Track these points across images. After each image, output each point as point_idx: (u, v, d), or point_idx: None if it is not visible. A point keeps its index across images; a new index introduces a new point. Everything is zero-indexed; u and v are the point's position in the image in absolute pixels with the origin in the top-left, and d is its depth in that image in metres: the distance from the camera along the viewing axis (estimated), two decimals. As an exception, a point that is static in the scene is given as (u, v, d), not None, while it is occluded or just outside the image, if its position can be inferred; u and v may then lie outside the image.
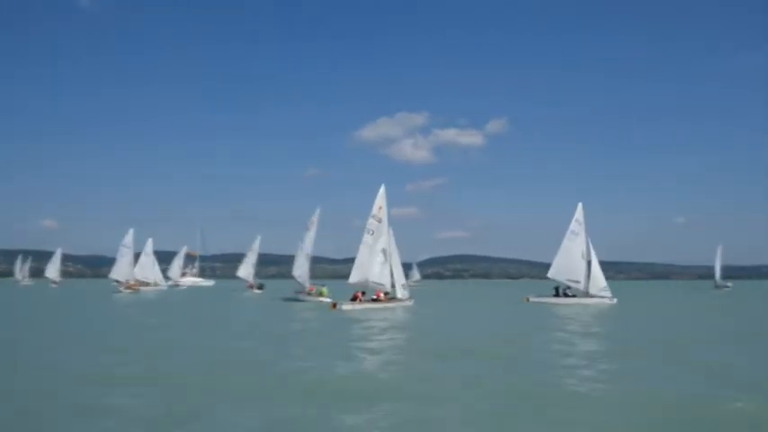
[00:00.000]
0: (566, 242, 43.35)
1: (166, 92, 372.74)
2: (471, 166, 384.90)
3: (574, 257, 42.86)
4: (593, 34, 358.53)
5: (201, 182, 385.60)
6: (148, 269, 69.54)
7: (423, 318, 29.67)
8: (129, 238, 64.48)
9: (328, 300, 42.63)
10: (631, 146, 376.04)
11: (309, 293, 44.68)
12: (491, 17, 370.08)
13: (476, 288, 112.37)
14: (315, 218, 46.04)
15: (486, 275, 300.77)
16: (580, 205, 44.05)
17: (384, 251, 35.91)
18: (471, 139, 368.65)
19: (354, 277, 35.69)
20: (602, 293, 42.15)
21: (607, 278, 42.91)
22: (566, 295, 43.10)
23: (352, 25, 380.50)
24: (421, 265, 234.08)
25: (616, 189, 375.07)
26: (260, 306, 40.72)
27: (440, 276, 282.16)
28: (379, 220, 36.07)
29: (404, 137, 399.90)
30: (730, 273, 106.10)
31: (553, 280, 43.77)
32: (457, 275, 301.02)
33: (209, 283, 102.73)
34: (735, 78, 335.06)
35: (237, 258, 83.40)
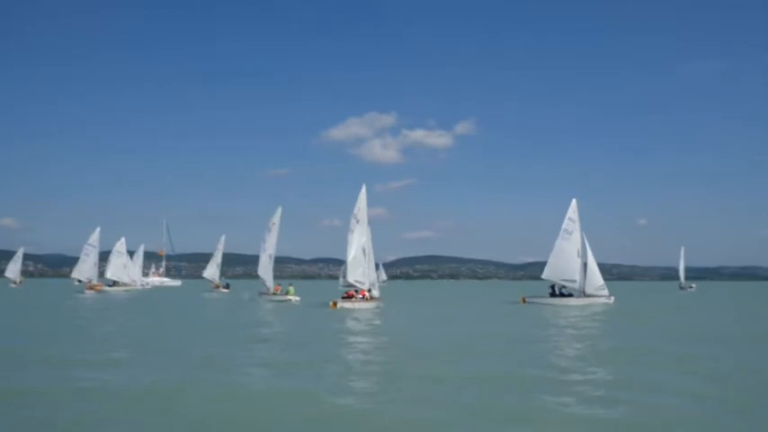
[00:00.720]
0: (559, 241, 42.19)
1: (129, 90, 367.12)
2: (440, 167, 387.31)
3: (569, 256, 41.78)
4: (562, 34, 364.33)
5: (167, 180, 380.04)
6: (123, 269, 68.71)
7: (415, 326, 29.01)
8: (95, 236, 63.18)
9: (296, 298, 42.75)
10: (597, 148, 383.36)
11: (275, 293, 44.51)
12: (459, 18, 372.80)
13: (446, 289, 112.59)
14: (276, 218, 45.82)
15: (454, 276, 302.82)
16: (574, 202, 42.94)
17: (364, 251, 36.18)
18: (440, 140, 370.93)
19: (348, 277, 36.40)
20: (600, 292, 41.29)
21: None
22: (562, 295, 42.00)
23: (322, 25, 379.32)
24: (389, 265, 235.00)
25: (582, 191, 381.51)
26: (223, 307, 40.10)
27: (408, 277, 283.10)
28: (359, 221, 36.38)
29: (373, 137, 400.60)
30: (691, 274, 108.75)
31: (548, 280, 42.62)
32: (425, 276, 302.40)
33: (177, 283, 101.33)
34: (692, 84, 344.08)
35: (205, 258, 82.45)
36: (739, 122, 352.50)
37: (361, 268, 36.11)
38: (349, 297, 35.91)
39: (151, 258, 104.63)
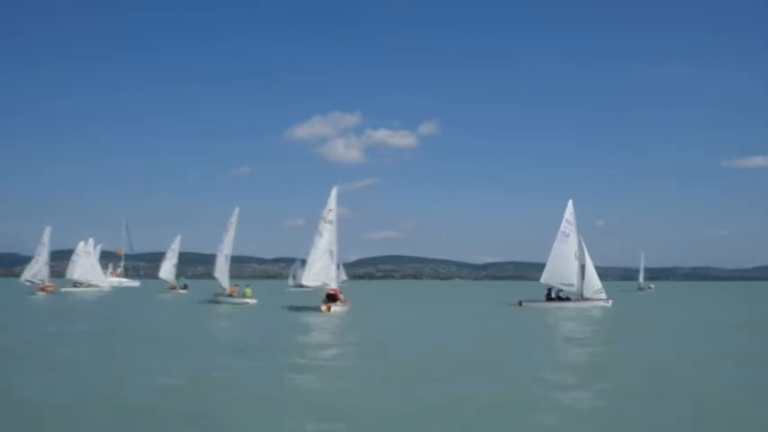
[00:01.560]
0: (557, 244, 41.14)
1: (89, 85, 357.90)
2: (403, 168, 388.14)
3: (566, 259, 40.81)
4: (524, 35, 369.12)
5: (126, 178, 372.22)
6: (92, 269, 66.86)
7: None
8: (46, 235, 61.09)
9: (253, 300, 41.63)
10: (556, 150, 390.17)
11: (231, 294, 43.39)
12: (424, 20, 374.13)
13: (416, 289, 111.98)
14: (233, 218, 44.79)
15: (416, 276, 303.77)
16: (570, 203, 41.84)
17: (331, 252, 35.63)
18: (404, 140, 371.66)
19: (311, 281, 35.27)
20: (598, 296, 40.50)
21: (531, 278, 43.00)
22: (559, 298, 40.89)
23: (287, 24, 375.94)
24: (352, 265, 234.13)
25: (542, 192, 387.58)
26: (175, 309, 38.99)
27: (371, 276, 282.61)
28: (329, 222, 35.89)
29: (336, 136, 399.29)
30: (647, 274, 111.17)
31: (546, 284, 41.22)
32: (388, 276, 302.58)
33: (135, 283, 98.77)
34: (650, 86, 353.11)
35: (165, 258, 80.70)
36: (696, 126, 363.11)
37: (330, 270, 35.56)
38: (334, 298, 34.52)
39: (108, 258, 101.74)
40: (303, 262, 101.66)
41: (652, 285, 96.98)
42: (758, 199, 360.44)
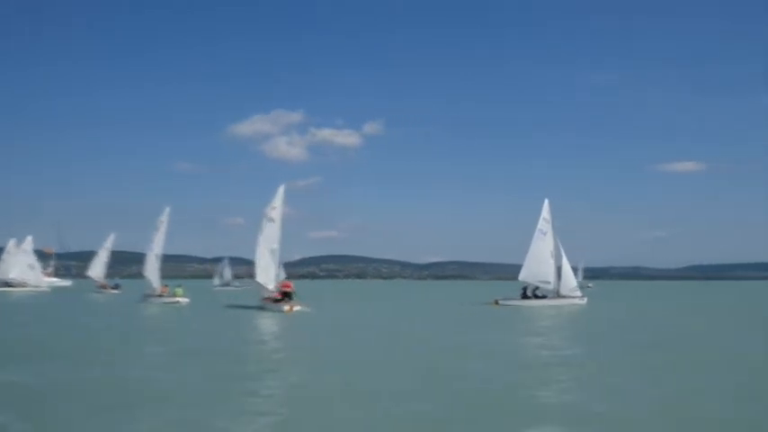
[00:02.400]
0: (534, 242, 41.22)
1: (19, 77, 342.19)
2: (347, 167, 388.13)
3: (543, 258, 40.96)
4: (471, 36, 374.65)
5: (59, 176, 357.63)
6: (30, 269, 64.20)
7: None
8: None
9: (185, 300, 40.50)
10: (501, 150, 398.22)
11: (161, 294, 42.24)
12: (368, 17, 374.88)
13: (359, 288, 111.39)
14: (164, 217, 43.63)
15: (360, 275, 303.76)
16: (546, 202, 42.21)
17: (272, 251, 35.21)
18: (348, 139, 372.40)
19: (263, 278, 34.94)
20: (573, 293, 40.92)
21: (473, 278, 43.29)
22: (535, 296, 40.81)
23: (228, 23, 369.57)
24: (294, 265, 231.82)
25: (486, 192, 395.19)
26: (103, 310, 37.66)
27: (314, 276, 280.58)
28: (271, 220, 35.46)
29: (279, 134, 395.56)
30: (585, 274, 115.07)
31: (524, 282, 41.08)
32: (331, 275, 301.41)
33: (67, 283, 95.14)
34: (599, 94, 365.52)
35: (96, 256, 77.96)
36: (630, 130, 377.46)
37: (271, 269, 35.23)
38: (288, 296, 33.81)
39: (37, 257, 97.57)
40: (230, 261, 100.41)
41: (591, 284, 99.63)
42: (687, 202, 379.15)
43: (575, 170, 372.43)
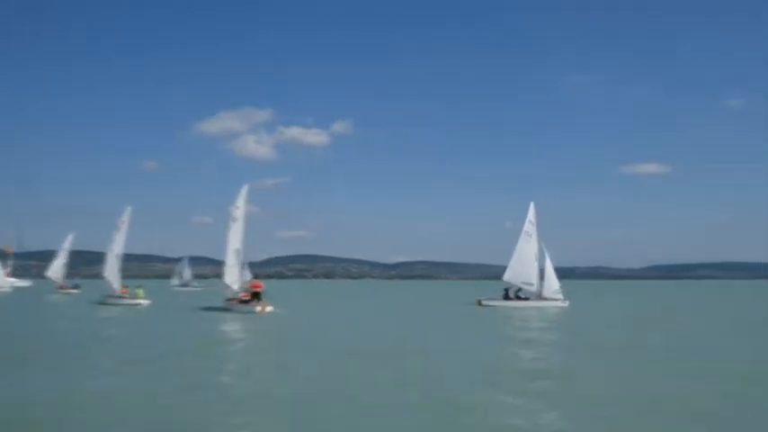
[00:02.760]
0: (520, 244, 41.33)
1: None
2: (316, 166, 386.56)
3: (528, 259, 41.04)
4: (443, 36, 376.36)
5: (22, 173, 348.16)
6: None
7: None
8: None
9: (146, 302, 39.66)
10: (473, 151, 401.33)
11: (122, 296, 41.12)
12: (338, 17, 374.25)
13: (329, 288, 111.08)
14: (125, 217, 42.84)
15: (328, 275, 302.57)
16: (532, 205, 42.27)
17: (237, 251, 34.74)
18: (316, 138, 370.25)
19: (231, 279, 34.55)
20: (556, 296, 40.66)
21: (440, 278, 43.06)
22: (518, 297, 40.89)
23: (196, 19, 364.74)
24: (262, 264, 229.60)
25: (453, 192, 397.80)
26: (58, 312, 36.46)
27: (281, 276, 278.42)
28: (235, 220, 34.97)
29: (247, 132, 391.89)
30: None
31: (508, 283, 41.20)
32: (299, 275, 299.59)
33: (26, 283, 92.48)
34: (569, 95, 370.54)
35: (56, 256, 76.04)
36: (595, 133, 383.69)
37: (236, 270, 34.78)
38: (257, 297, 33.25)
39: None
40: (189, 260, 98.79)
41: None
42: (649, 203, 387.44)
43: (542, 170, 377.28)
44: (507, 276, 41.04)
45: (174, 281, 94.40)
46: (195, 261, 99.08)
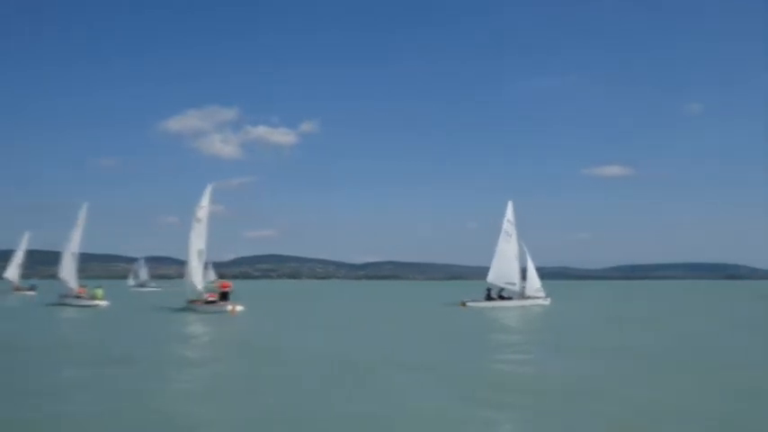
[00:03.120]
0: (501, 244, 41.38)
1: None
2: (283, 166, 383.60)
3: (509, 259, 41.24)
4: (412, 29, 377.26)
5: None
6: None
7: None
8: None
9: (104, 303, 38.20)
10: (440, 151, 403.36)
11: (79, 296, 39.75)
12: (305, 17, 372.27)
13: (299, 288, 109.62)
14: (81, 215, 41.67)
15: (294, 276, 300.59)
16: (510, 204, 42.28)
17: (200, 252, 33.95)
18: (284, 137, 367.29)
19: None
20: (538, 294, 41.33)
21: (408, 278, 42.60)
22: (501, 297, 40.90)
23: (161, 14, 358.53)
24: (228, 264, 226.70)
25: (420, 192, 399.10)
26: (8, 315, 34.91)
27: (247, 276, 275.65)
28: (199, 220, 34.16)
29: (213, 131, 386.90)
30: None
31: (491, 284, 41.04)
32: (265, 275, 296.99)
33: None
34: (535, 98, 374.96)
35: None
36: (560, 136, 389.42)
37: (199, 270, 34.11)
38: (218, 299, 32.79)
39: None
40: (145, 261, 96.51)
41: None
42: (613, 204, 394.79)
43: (507, 171, 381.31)
44: (491, 278, 40.93)
45: (131, 281, 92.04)
46: (159, 261, 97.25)
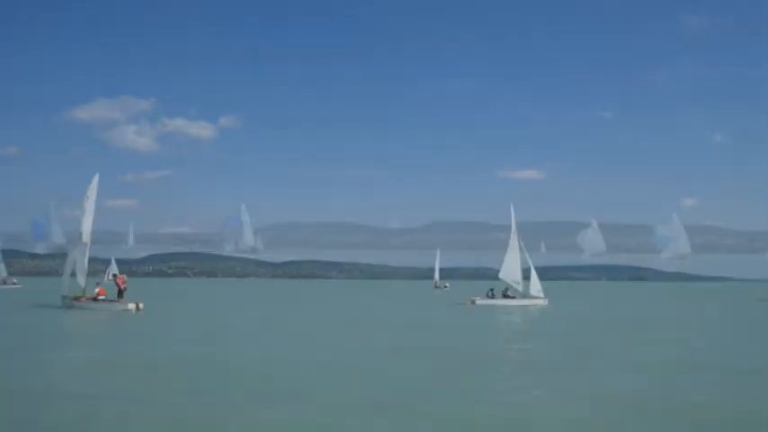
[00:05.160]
0: (511, 243, 44.79)
1: None
2: (201, 160, 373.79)
3: (514, 259, 44.77)
4: (335, 35, 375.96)
5: None
6: None
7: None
8: None
9: None
10: (358, 151, 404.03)
11: None
12: (228, 9, 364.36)
13: (221, 289, 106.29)
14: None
15: (211, 274, 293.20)
16: (512, 207, 46.14)
17: (86, 245, 32.49)
18: (202, 131, 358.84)
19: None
20: (539, 294, 44.49)
21: (331, 278, 43.73)
22: (505, 296, 44.72)
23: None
24: (140, 261, 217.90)
25: (341, 192, 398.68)
26: None
27: (162, 274, 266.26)
28: (85, 212, 32.73)
29: (126, 122, 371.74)
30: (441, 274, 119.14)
31: (502, 281, 45.11)
32: (180, 273, 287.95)
33: None
34: (444, 100, 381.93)
35: None
36: (476, 138, 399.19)
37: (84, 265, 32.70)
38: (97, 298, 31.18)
39: None
40: (2, 254, 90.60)
41: (447, 284, 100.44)
42: (528, 207, 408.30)
43: (424, 174, 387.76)
44: (502, 275, 44.77)
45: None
46: (2, 255, 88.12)
